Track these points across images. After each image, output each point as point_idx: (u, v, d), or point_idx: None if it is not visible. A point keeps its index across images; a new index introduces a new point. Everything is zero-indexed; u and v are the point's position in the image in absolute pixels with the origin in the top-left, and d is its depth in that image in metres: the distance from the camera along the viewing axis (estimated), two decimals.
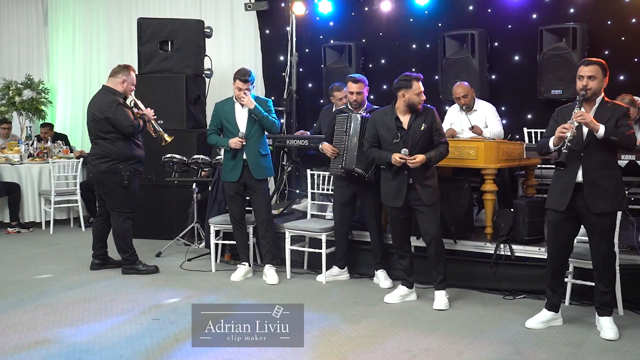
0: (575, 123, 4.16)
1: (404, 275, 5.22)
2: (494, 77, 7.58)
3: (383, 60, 8.36)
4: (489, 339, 4.34)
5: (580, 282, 4.86)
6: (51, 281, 5.84)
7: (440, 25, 7.81)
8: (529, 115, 7.43)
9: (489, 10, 7.63)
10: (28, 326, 4.62)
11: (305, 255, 6.21)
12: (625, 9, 6.93)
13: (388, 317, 4.80)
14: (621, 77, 6.84)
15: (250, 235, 6.09)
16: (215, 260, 6.27)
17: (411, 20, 8.12)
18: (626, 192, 4.40)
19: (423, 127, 4.95)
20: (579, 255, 4.65)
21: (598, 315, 4.44)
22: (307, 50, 8.81)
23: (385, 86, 7.81)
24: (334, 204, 5.86)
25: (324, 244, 5.71)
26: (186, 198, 7.24)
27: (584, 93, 4.27)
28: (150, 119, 6.08)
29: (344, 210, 5.71)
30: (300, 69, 8.80)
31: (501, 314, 4.87)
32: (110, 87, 5.95)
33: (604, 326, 4.36)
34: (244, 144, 5.70)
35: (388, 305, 5.10)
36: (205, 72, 8.12)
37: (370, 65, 8.35)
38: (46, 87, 9.85)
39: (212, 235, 6.19)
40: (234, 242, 6.08)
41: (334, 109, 6.52)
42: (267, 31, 9.16)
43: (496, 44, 7.55)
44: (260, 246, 6.02)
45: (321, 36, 8.68)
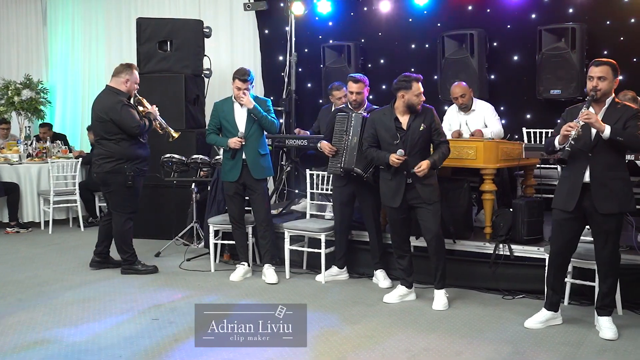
0: (581, 122, 4.15)
1: (403, 275, 5.22)
2: (493, 77, 7.58)
3: (382, 60, 8.36)
4: (488, 339, 4.34)
5: (580, 282, 4.86)
6: (50, 281, 5.84)
7: (439, 25, 7.82)
8: (528, 115, 7.44)
9: (488, 10, 7.63)
10: (27, 326, 4.62)
11: (304, 255, 6.21)
12: (624, 9, 6.94)
13: (387, 317, 4.80)
14: (620, 77, 6.78)
15: (250, 235, 6.08)
16: (215, 260, 6.27)
17: (410, 20, 8.13)
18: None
19: (422, 128, 4.95)
20: (578, 255, 4.65)
21: (597, 315, 4.44)
22: (306, 50, 8.81)
23: (384, 86, 7.81)
24: (333, 204, 5.86)
25: (323, 244, 5.71)
26: (185, 198, 7.24)
27: (594, 94, 4.25)
28: (156, 117, 6.08)
29: (343, 209, 5.71)
30: (299, 69, 8.80)
31: (500, 313, 4.87)
32: (114, 87, 5.93)
33: (603, 326, 4.37)
34: (243, 143, 5.70)
35: (387, 305, 5.10)
36: (205, 72, 8.12)
37: (369, 65, 8.35)
38: (45, 87, 9.84)
39: (211, 235, 6.19)
40: (233, 242, 6.08)
41: (333, 108, 6.53)
42: (266, 31, 9.16)
43: (495, 44, 7.56)
44: (260, 246, 6.02)
45: (320, 36, 8.68)
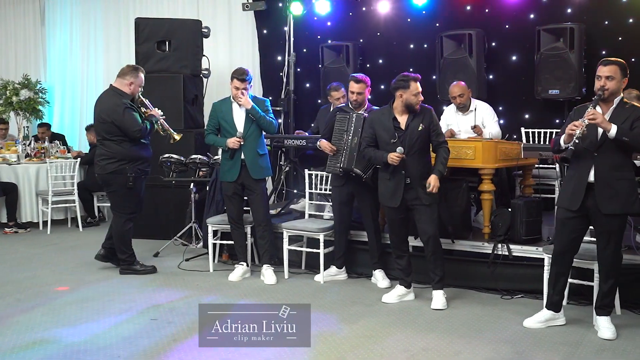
0: (586, 121, 4.14)
1: (402, 275, 5.22)
2: (491, 77, 7.59)
3: (380, 60, 8.37)
4: (486, 339, 4.34)
5: (578, 282, 4.86)
6: (49, 281, 5.83)
7: (437, 25, 7.83)
8: (526, 115, 7.44)
9: (487, 10, 7.64)
10: (26, 326, 4.61)
11: (303, 255, 6.20)
12: (622, 9, 6.95)
13: (386, 317, 4.80)
14: None
15: (248, 235, 6.09)
16: (213, 260, 6.26)
17: (409, 20, 8.14)
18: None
19: (421, 128, 4.95)
20: (577, 255, 4.64)
21: (596, 314, 4.44)
22: (305, 50, 8.81)
23: (382, 86, 7.82)
24: (332, 203, 5.86)
25: (322, 244, 5.71)
26: (184, 198, 7.24)
27: (601, 93, 4.23)
28: (158, 119, 6.07)
29: (342, 209, 5.71)
30: (298, 69, 8.80)
31: (499, 313, 4.87)
32: (118, 88, 5.92)
33: (601, 326, 4.37)
34: (241, 143, 5.70)
35: (386, 305, 5.10)
36: (203, 72, 8.11)
37: (367, 65, 8.35)
38: (43, 87, 9.84)
39: (210, 235, 6.19)
40: (232, 242, 6.08)
41: (332, 108, 6.53)
42: (265, 31, 9.15)
43: (494, 44, 7.57)
44: (258, 246, 6.02)
45: (319, 36, 8.69)
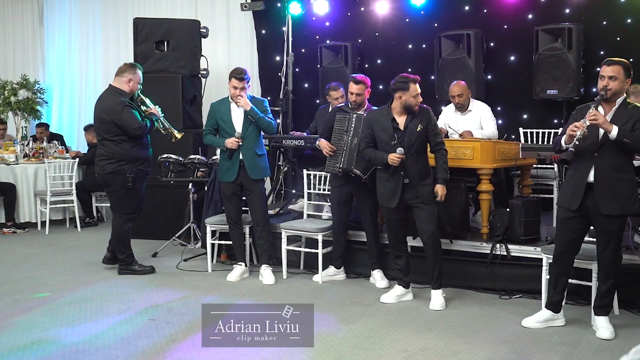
0: (588, 122, 4.13)
1: (400, 275, 5.23)
2: (489, 77, 7.60)
3: (379, 61, 8.37)
4: (485, 339, 4.35)
5: (576, 282, 4.86)
6: (47, 282, 5.83)
7: (436, 25, 7.83)
8: (524, 115, 7.45)
9: (485, 10, 7.64)
10: (24, 327, 4.61)
11: (301, 255, 6.20)
12: (620, 9, 6.96)
13: (384, 317, 4.80)
14: None
15: (247, 236, 6.09)
16: (212, 261, 6.26)
17: (407, 20, 8.14)
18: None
19: (419, 128, 4.96)
20: (576, 255, 4.64)
21: (595, 314, 4.45)
22: (303, 50, 8.81)
23: (381, 86, 7.81)
24: (331, 203, 5.86)
25: (320, 244, 5.71)
26: (182, 198, 7.24)
27: (603, 93, 4.21)
28: (159, 117, 6.08)
29: (341, 209, 5.71)
30: (297, 69, 8.80)
31: (497, 313, 4.88)
32: (117, 87, 5.92)
33: (599, 326, 4.37)
34: (240, 144, 5.70)
35: (384, 305, 5.10)
36: (202, 72, 8.12)
37: (366, 66, 8.36)
38: (42, 87, 9.83)
39: (209, 235, 6.18)
40: (230, 242, 6.08)
41: (330, 108, 6.53)
42: (263, 31, 9.16)
43: (492, 44, 7.57)
44: (257, 246, 6.02)
45: (317, 36, 8.69)
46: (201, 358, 4.03)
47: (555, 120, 7.17)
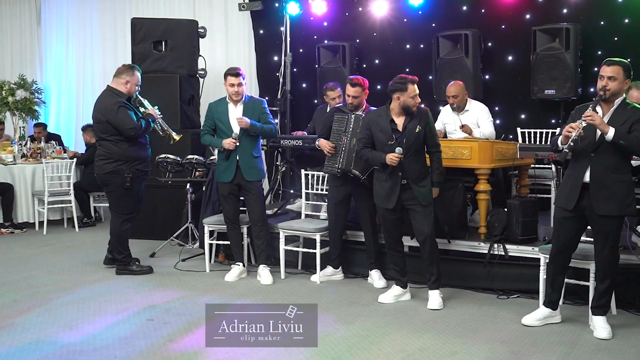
0: (584, 123, 4.13)
1: (398, 275, 5.23)
2: (487, 77, 7.60)
3: (377, 61, 8.37)
4: (482, 339, 4.35)
5: (574, 282, 4.87)
6: (45, 282, 5.82)
7: (434, 25, 7.82)
8: (522, 115, 7.45)
9: (483, 10, 7.64)
10: (22, 327, 4.60)
11: (299, 255, 6.21)
12: (618, 9, 6.95)
13: (382, 317, 4.81)
14: None
15: (245, 236, 6.08)
16: (210, 261, 6.25)
17: (405, 20, 8.14)
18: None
19: (418, 129, 4.96)
20: (574, 255, 4.65)
21: (592, 314, 4.46)
22: (301, 50, 8.81)
23: (379, 86, 7.82)
24: (328, 203, 5.86)
25: (318, 244, 5.71)
26: (180, 198, 7.23)
27: (602, 94, 4.21)
28: (156, 118, 6.07)
29: (338, 209, 5.71)
30: (294, 69, 8.79)
31: (495, 313, 4.88)
32: (114, 88, 5.92)
33: (597, 325, 4.38)
34: (237, 144, 5.70)
35: (382, 305, 5.11)
36: (199, 72, 8.10)
37: (364, 66, 8.36)
38: (39, 87, 9.82)
39: (206, 235, 6.18)
40: (228, 243, 6.07)
41: (328, 108, 6.53)
42: (261, 31, 9.15)
43: (490, 44, 7.57)
44: (255, 246, 6.01)
45: (315, 36, 8.69)
46: (198, 357, 4.02)
47: (553, 120, 7.17)
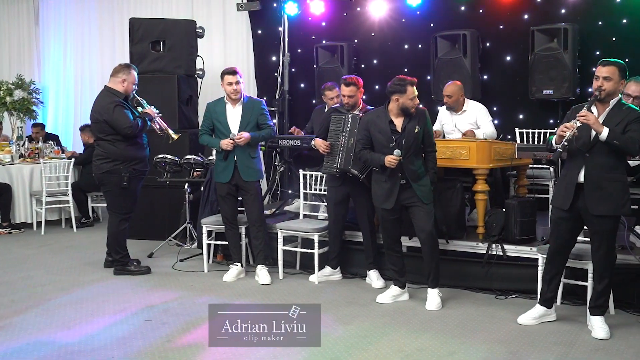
0: (578, 123, 4.13)
1: (396, 275, 5.23)
2: (485, 78, 7.60)
3: (375, 61, 8.37)
4: (481, 339, 4.35)
5: (572, 282, 4.88)
6: (43, 282, 5.81)
7: (432, 25, 7.82)
8: (520, 116, 7.46)
9: (481, 10, 7.64)
10: (19, 327, 4.60)
11: (297, 255, 6.20)
12: (616, 9, 6.96)
13: (380, 317, 4.81)
14: None
15: (243, 236, 6.08)
16: (208, 261, 6.25)
17: (403, 20, 8.13)
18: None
19: (417, 130, 4.96)
20: (571, 255, 4.66)
21: (590, 314, 4.46)
22: (299, 50, 8.81)
23: (377, 86, 7.82)
24: (327, 203, 5.86)
25: (317, 244, 5.71)
26: (178, 198, 7.22)
27: (597, 94, 4.22)
28: (154, 117, 6.06)
29: (337, 209, 5.71)
30: (293, 69, 8.79)
31: (493, 313, 4.88)
32: (111, 88, 5.92)
33: (595, 325, 4.38)
34: (235, 145, 5.68)
35: (380, 306, 5.11)
36: (197, 73, 8.10)
37: (362, 66, 8.36)
38: (37, 88, 9.81)
39: (205, 235, 6.18)
40: (227, 243, 6.07)
41: (326, 108, 6.53)
42: (259, 31, 9.14)
43: (488, 44, 7.58)
44: (253, 246, 6.01)
45: (313, 36, 8.68)
46: (197, 357, 4.02)
47: (551, 121, 7.17)
